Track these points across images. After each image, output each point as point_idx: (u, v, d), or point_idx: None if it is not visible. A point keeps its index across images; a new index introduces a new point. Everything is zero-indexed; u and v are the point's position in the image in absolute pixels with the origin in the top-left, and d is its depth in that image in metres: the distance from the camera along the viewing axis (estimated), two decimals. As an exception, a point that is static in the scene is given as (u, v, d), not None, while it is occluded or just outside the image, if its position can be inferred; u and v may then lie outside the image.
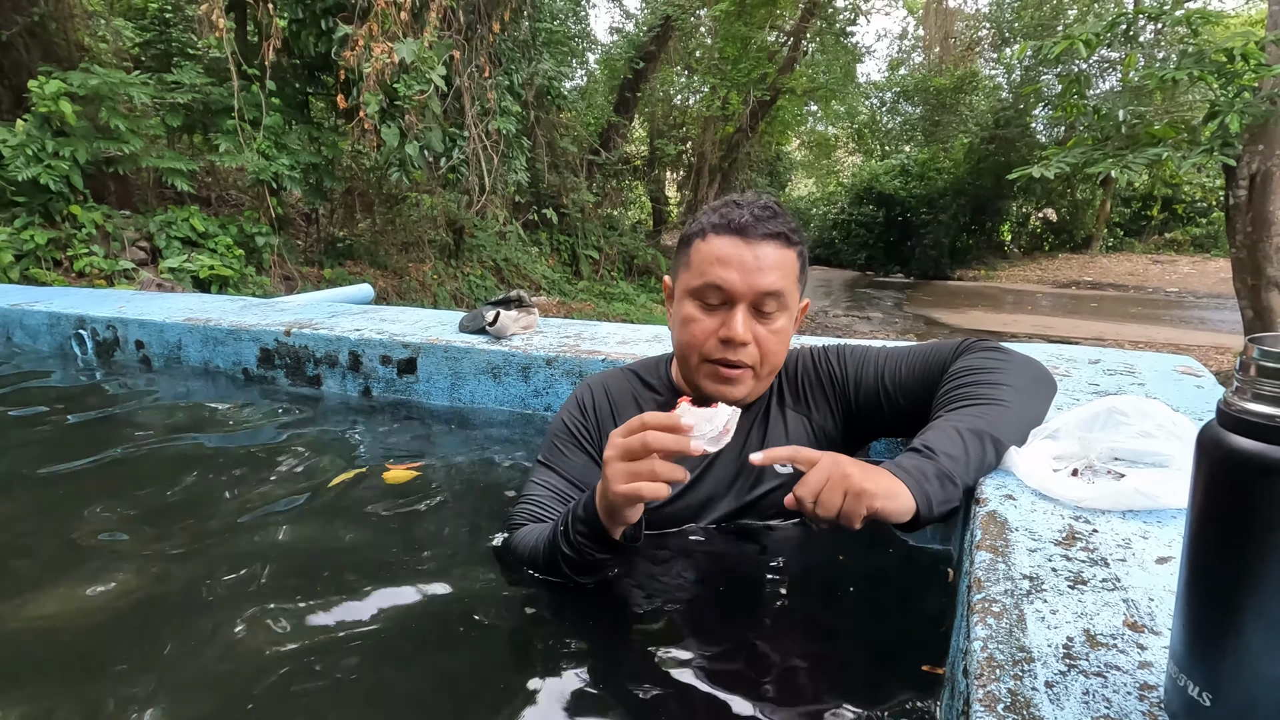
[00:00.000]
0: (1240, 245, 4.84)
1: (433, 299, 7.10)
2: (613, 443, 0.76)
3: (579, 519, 0.82)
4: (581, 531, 0.82)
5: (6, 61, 5.20)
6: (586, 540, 0.82)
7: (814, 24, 12.51)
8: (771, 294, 0.90)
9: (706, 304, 0.92)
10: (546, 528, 0.90)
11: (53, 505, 1.25)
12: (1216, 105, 4.09)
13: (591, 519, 0.80)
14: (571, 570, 0.86)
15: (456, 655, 0.82)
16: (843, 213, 18.76)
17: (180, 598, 0.94)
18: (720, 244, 0.91)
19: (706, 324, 0.92)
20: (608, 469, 0.75)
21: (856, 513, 0.73)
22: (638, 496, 0.73)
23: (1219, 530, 0.42)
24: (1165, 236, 17.14)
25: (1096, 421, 0.86)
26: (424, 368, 1.74)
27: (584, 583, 0.88)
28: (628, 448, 0.74)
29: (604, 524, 0.79)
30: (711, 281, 0.90)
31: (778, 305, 0.92)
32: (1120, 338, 7.84)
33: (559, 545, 0.85)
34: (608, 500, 0.76)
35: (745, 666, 0.79)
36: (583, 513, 0.82)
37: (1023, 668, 0.52)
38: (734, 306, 0.90)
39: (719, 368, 0.93)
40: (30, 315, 2.38)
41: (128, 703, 0.73)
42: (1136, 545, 0.68)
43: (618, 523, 0.79)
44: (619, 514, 0.77)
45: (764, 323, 0.92)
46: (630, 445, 0.74)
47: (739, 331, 0.90)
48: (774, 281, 0.90)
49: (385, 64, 5.03)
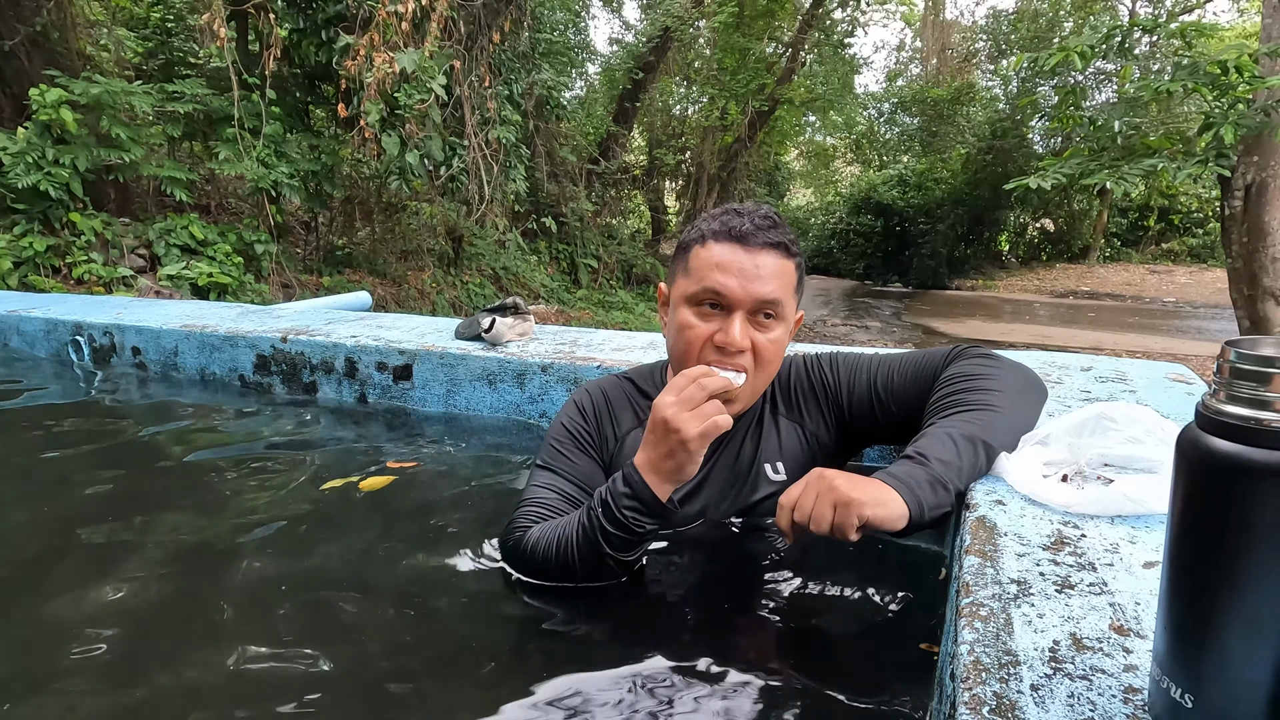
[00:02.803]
0: (1236, 255, 4.86)
1: (431, 307, 7.11)
2: (667, 402, 0.82)
3: (624, 494, 0.84)
4: (630, 505, 0.84)
5: (9, 70, 5.22)
6: (637, 513, 0.84)
7: (812, 35, 12.59)
8: (770, 302, 0.91)
9: (704, 310, 0.92)
10: (571, 520, 0.89)
11: (45, 511, 1.25)
12: (1211, 117, 4.12)
13: (640, 491, 0.83)
14: (615, 550, 0.85)
15: (450, 658, 0.82)
16: (841, 222, 18.81)
17: (172, 603, 0.94)
18: (720, 251, 0.91)
19: (703, 330, 0.92)
20: (676, 421, 0.80)
21: (849, 524, 0.73)
22: (716, 428, 0.81)
23: (1198, 532, 0.42)
24: (1162, 247, 17.21)
25: (1086, 427, 0.86)
26: (420, 374, 1.75)
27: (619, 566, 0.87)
28: (689, 397, 0.81)
29: (655, 494, 0.83)
30: (710, 287, 0.91)
31: (775, 314, 0.92)
32: (1118, 347, 7.85)
33: (601, 526, 0.84)
34: (681, 452, 0.82)
35: (739, 667, 0.79)
36: (626, 487, 0.84)
37: (1008, 671, 0.52)
38: (731, 313, 0.91)
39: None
40: (27, 321, 2.38)
41: (125, 707, 0.73)
42: (1124, 550, 0.68)
43: (679, 477, 0.84)
44: (691, 461, 0.83)
45: (761, 330, 0.92)
46: (691, 394, 0.82)
47: (736, 338, 0.90)
48: (773, 290, 0.91)
49: (386, 73, 5.06)
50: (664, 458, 0.82)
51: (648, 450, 0.84)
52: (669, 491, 0.84)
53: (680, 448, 0.81)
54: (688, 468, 0.83)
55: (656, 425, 0.82)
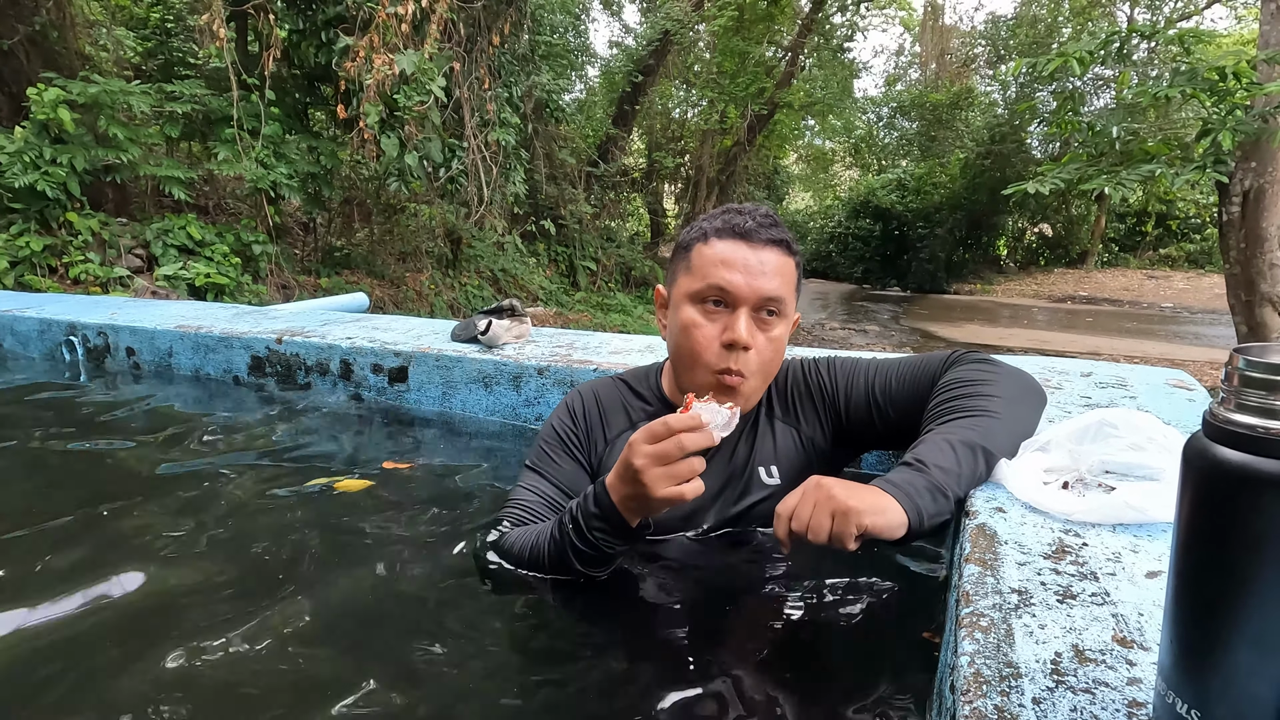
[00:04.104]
0: (1234, 261, 4.87)
1: (429, 309, 7.09)
2: (641, 451, 0.76)
3: (594, 515, 0.82)
4: (599, 528, 0.82)
5: (7, 69, 5.21)
6: (606, 535, 0.82)
7: (812, 40, 12.63)
8: (773, 299, 0.91)
9: (708, 308, 0.92)
10: (545, 528, 0.89)
11: (36, 511, 1.23)
12: (1209, 123, 4.12)
13: (610, 514, 0.81)
14: (584, 564, 0.85)
15: (441, 660, 0.81)
16: (840, 226, 18.84)
17: (158, 602, 0.92)
18: (724, 247, 0.91)
19: (709, 330, 0.91)
20: (645, 476, 0.76)
21: (847, 533, 0.72)
22: (681, 498, 0.76)
23: (1205, 543, 0.41)
24: (1160, 252, 17.25)
25: (1087, 434, 0.85)
26: (415, 376, 1.74)
27: (588, 579, 0.87)
28: (664, 453, 0.75)
29: (624, 518, 0.80)
30: (715, 284, 0.90)
31: (778, 311, 0.92)
32: (1115, 352, 7.86)
33: (571, 542, 0.84)
34: (644, 503, 0.78)
35: (731, 673, 0.78)
36: (597, 509, 0.82)
37: (1010, 683, 0.51)
38: (736, 310, 0.90)
39: (723, 378, 0.92)
40: (21, 321, 2.37)
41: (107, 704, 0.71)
42: (1126, 559, 0.67)
43: (643, 516, 0.81)
44: (653, 511, 0.80)
45: (764, 329, 0.92)
46: (666, 450, 0.75)
47: (742, 335, 0.89)
48: (776, 287, 0.91)
49: (386, 75, 5.06)
50: (628, 498, 0.79)
51: (616, 481, 0.80)
52: (637, 519, 0.82)
53: (643, 500, 0.78)
54: (654, 513, 0.81)
55: (626, 467, 0.78)
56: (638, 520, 0.82)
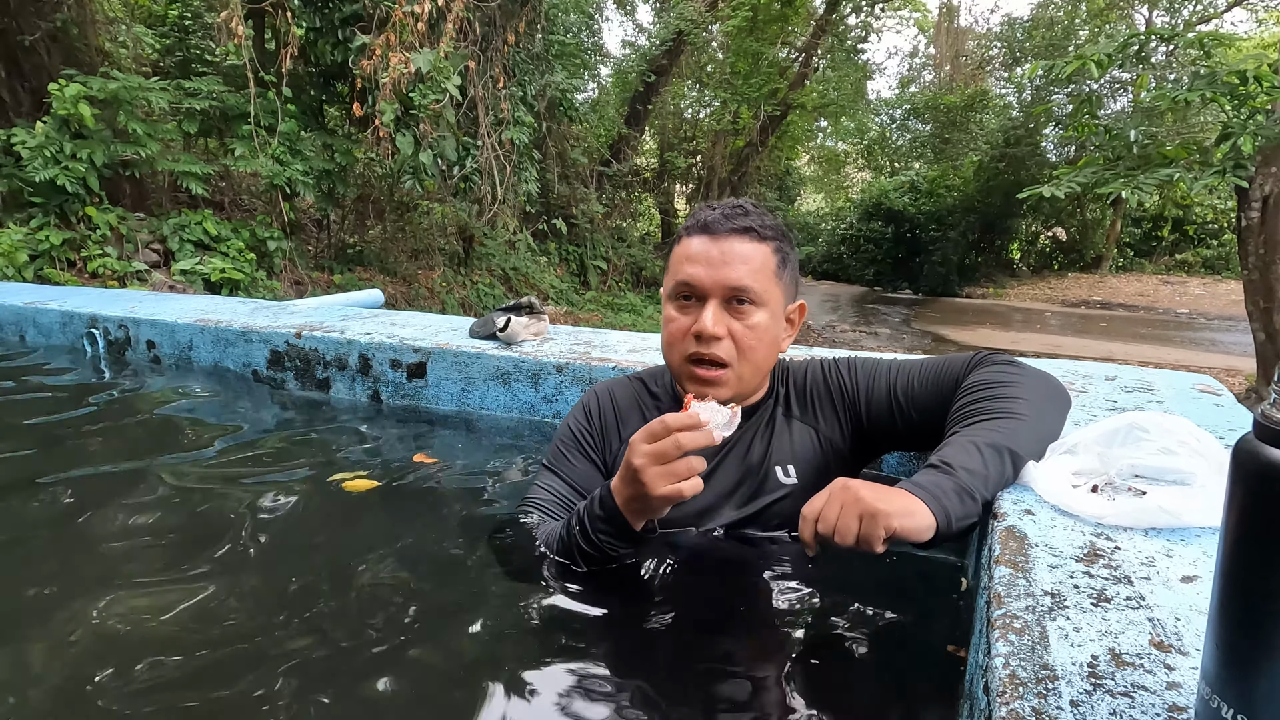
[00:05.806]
0: (1253, 267, 4.81)
1: (441, 306, 7.12)
2: (639, 450, 0.77)
3: (599, 518, 0.84)
4: (605, 531, 0.84)
5: (28, 65, 5.27)
6: (611, 538, 0.84)
7: (825, 41, 12.59)
8: (740, 288, 0.91)
9: (682, 304, 0.95)
10: (557, 528, 0.92)
11: (56, 504, 1.25)
12: (1229, 127, 4.08)
13: (614, 517, 0.82)
14: (590, 565, 0.88)
15: (454, 656, 0.82)
16: (851, 228, 18.77)
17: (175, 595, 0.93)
18: (691, 243, 0.94)
19: (682, 323, 0.94)
20: (644, 475, 0.77)
21: (875, 535, 0.71)
22: (680, 496, 0.77)
23: (1254, 545, 0.40)
24: (1176, 257, 17.07)
25: (1116, 437, 0.85)
26: (434, 372, 1.74)
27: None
28: (661, 452, 0.76)
29: (628, 520, 0.82)
30: (682, 280, 0.93)
31: (750, 300, 0.92)
32: (1130, 358, 7.78)
33: (577, 544, 0.86)
34: (645, 503, 0.79)
35: (744, 675, 0.78)
36: (601, 511, 0.84)
37: (1046, 686, 0.50)
38: (705, 302, 0.92)
39: (696, 367, 0.93)
40: (44, 314, 2.40)
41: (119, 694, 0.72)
42: (1160, 564, 0.67)
43: (646, 517, 0.82)
44: (655, 511, 0.81)
45: (738, 318, 0.92)
46: (663, 449, 0.76)
47: (708, 325, 0.91)
48: (741, 276, 0.91)
49: (401, 73, 5.08)
50: (630, 499, 0.81)
51: (619, 484, 0.81)
52: (641, 522, 0.83)
53: (644, 500, 0.79)
54: (660, 510, 0.82)
55: (626, 467, 0.79)
56: (641, 524, 0.83)
